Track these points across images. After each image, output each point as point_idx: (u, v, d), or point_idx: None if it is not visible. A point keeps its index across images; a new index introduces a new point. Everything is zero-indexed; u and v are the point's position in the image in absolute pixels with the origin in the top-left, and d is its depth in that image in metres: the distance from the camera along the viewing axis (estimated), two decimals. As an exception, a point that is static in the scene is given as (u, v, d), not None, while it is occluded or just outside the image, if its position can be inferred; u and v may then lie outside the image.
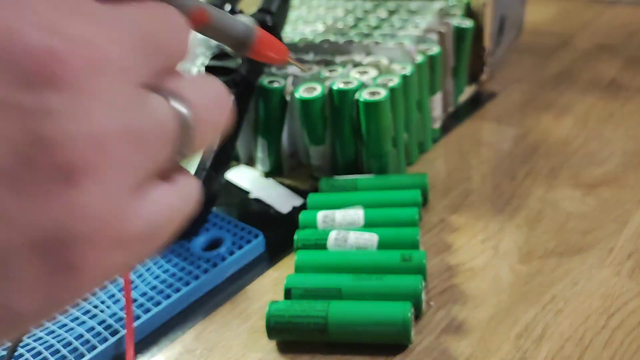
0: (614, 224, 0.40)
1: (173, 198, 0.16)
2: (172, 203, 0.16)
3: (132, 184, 0.15)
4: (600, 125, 0.54)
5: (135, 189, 0.15)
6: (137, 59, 0.15)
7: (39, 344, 0.34)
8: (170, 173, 0.17)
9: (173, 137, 0.16)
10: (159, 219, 0.16)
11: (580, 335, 0.32)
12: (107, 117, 0.14)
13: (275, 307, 0.33)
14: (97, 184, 0.14)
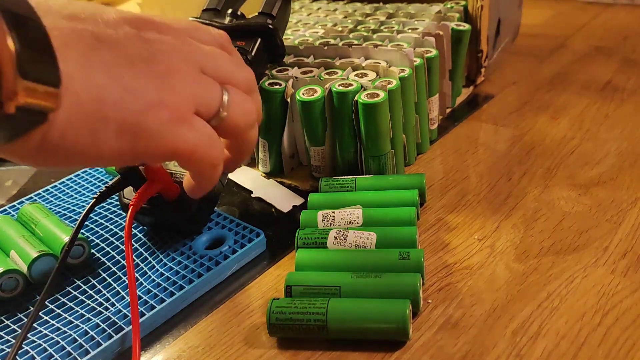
0: (609, 224, 0.41)
1: (208, 130, 0.30)
2: (205, 131, 0.30)
3: (191, 109, 0.29)
4: (596, 127, 0.54)
5: (192, 113, 0.29)
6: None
7: (44, 341, 0.35)
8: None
9: (215, 107, 0.30)
10: (197, 136, 0.29)
11: (576, 333, 0.33)
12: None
13: (276, 304, 0.33)
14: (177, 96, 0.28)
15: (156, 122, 0.27)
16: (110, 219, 0.45)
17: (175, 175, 0.41)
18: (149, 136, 0.27)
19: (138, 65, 0.27)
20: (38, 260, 0.38)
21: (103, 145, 0.26)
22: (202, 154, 0.29)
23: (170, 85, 0.28)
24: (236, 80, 0.32)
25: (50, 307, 0.37)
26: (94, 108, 0.25)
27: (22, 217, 0.43)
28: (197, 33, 0.32)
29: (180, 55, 0.29)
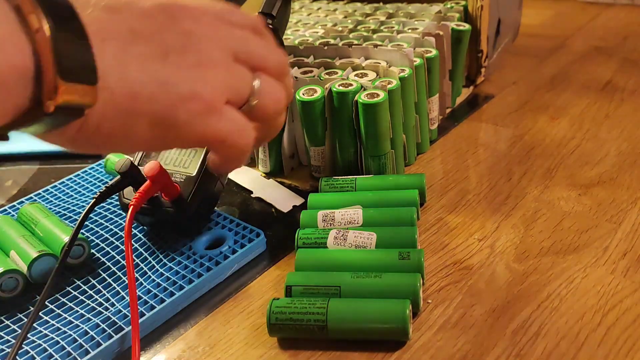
0: (609, 224, 0.41)
1: (238, 118, 0.30)
2: (236, 120, 0.30)
3: (223, 99, 0.29)
4: (596, 127, 0.54)
5: (223, 103, 0.29)
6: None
7: (44, 341, 0.35)
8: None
9: (246, 95, 0.31)
10: (228, 125, 0.29)
11: (576, 333, 0.33)
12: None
13: (276, 304, 0.34)
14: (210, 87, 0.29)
15: (188, 114, 0.28)
16: (110, 219, 0.45)
17: (175, 176, 0.41)
18: (180, 128, 0.28)
19: (171, 57, 0.28)
20: (38, 260, 0.38)
21: (135, 136, 0.27)
22: (232, 141, 0.30)
23: (203, 77, 0.29)
24: (268, 65, 0.32)
25: (50, 307, 0.37)
26: (128, 103, 0.26)
27: (22, 217, 0.43)
28: (231, 16, 0.32)
29: (213, 44, 0.30)
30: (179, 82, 0.28)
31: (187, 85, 0.28)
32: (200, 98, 0.29)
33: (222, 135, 0.30)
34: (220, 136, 0.30)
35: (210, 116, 0.29)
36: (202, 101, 0.29)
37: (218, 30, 0.31)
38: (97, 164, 0.54)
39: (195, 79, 0.29)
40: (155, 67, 0.27)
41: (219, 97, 0.30)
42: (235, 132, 0.30)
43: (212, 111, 0.29)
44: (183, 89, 0.28)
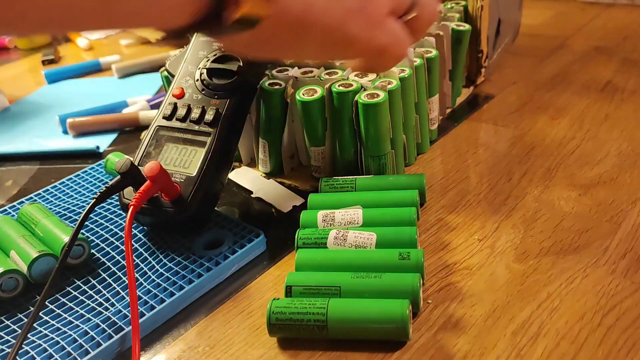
0: (609, 224, 0.41)
1: (398, 30, 0.32)
2: (396, 31, 0.32)
3: (386, 12, 0.31)
4: (596, 127, 0.54)
5: (386, 15, 0.31)
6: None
7: (44, 341, 0.35)
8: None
9: (406, 7, 0.32)
10: (389, 37, 0.31)
11: (576, 333, 0.33)
12: None
13: (276, 305, 0.34)
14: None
15: (356, 28, 0.29)
16: (110, 219, 0.45)
17: (175, 176, 0.41)
18: (348, 40, 0.30)
19: None
20: (38, 260, 0.38)
21: (306, 46, 0.29)
22: (390, 52, 0.32)
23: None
24: (419, 34, 0.35)
25: (50, 307, 0.37)
26: (302, 15, 0.27)
27: (22, 217, 0.43)
28: None
29: None
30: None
31: (356, 2, 0.29)
32: (368, 11, 0.30)
33: (384, 46, 0.31)
34: (381, 47, 0.31)
35: (375, 28, 0.30)
36: (369, 14, 0.30)
37: None
38: (97, 164, 0.54)
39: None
40: None
41: (383, 10, 0.31)
42: (395, 43, 0.32)
43: (377, 24, 0.30)
44: (352, 2, 0.29)
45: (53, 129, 0.65)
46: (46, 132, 0.65)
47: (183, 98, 0.45)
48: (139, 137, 0.61)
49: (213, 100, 0.44)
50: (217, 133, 0.42)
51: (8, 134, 0.65)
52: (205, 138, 0.43)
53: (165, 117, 0.45)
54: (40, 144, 0.62)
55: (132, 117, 0.64)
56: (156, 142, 0.44)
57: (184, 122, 0.44)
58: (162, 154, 0.43)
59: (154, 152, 0.44)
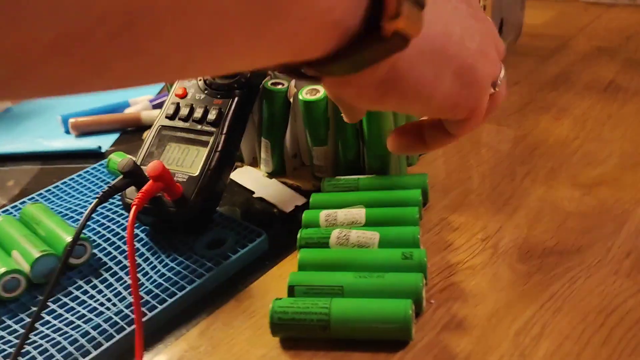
0: (613, 224, 0.41)
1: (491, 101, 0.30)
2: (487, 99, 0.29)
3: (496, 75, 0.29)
4: (599, 127, 0.54)
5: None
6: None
7: (46, 342, 0.35)
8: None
9: (496, 80, 0.29)
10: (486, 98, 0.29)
11: (579, 333, 0.33)
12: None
13: (279, 304, 0.33)
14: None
15: (484, 71, 0.27)
16: (112, 219, 0.45)
17: (178, 175, 0.41)
18: (474, 84, 0.27)
19: (464, 5, 0.27)
20: (40, 260, 0.38)
21: (440, 84, 0.26)
22: (476, 119, 0.29)
23: (489, 35, 0.28)
24: (503, 56, 0.32)
25: (52, 307, 0.37)
26: (442, 43, 0.25)
27: (24, 217, 0.43)
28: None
29: (487, 19, 0.29)
30: (477, 33, 0.27)
31: (482, 40, 0.27)
32: (492, 59, 0.28)
33: (483, 109, 0.29)
34: (482, 110, 0.29)
35: (490, 85, 0.28)
36: (493, 63, 0.28)
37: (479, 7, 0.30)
38: (99, 164, 0.54)
39: (486, 37, 0.28)
40: (461, 13, 0.26)
41: (498, 71, 0.29)
42: (484, 110, 0.29)
43: (493, 81, 0.28)
44: (480, 42, 0.27)
45: (55, 128, 0.65)
46: (48, 132, 0.65)
47: (186, 98, 0.45)
48: (141, 137, 0.61)
49: (216, 99, 0.44)
50: (219, 133, 0.42)
51: (10, 133, 0.65)
52: (208, 138, 0.42)
53: (168, 116, 0.45)
54: (43, 143, 0.62)
55: (134, 117, 0.64)
56: (159, 141, 0.44)
57: (186, 122, 0.44)
58: (165, 153, 0.43)
59: (157, 151, 0.44)
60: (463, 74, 0.26)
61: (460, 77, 0.26)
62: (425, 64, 0.25)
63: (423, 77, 0.25)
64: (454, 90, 0.27)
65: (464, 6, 0.27)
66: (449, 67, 0.26)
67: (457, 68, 0.26)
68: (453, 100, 0.27)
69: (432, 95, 0.26)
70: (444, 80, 0.26)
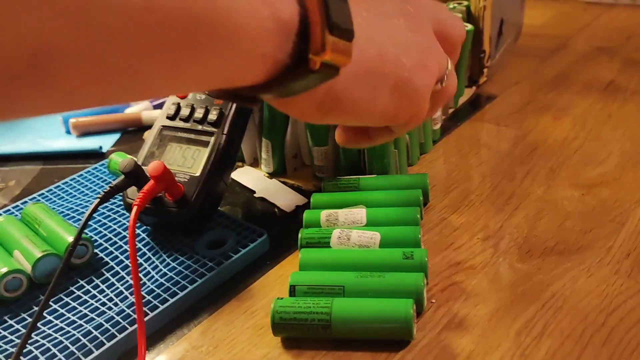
0: (613, 224, 0.41)
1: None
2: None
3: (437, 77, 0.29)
4: (599, 127, 0.54)
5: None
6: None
7: (48, 341, 0.35)
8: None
9: (441, 77, 0.30)
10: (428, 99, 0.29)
11: (580, 333, 0.33)
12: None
13: (280, 304, 0.34)
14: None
15: (422, 81, 0.28)
16: (114, 219, 0.46)
17: (179, 175, 0.41)
18: (413, 95, 0.28)
19: (401, 20, 0.27)
20: (42, 260, 0.38)
21: (378, 100, 0.27)
22: (418, 120, 0.30)
23: (428, 47, 0.28)
24: (457, 50, 0.32)
25: (54, 307, 0.37)
26: (377, 64, 0.26)
27: (26, 217, 0.44)
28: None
29: (422, 10, 0.29)
30: (413, 48, 0.27)
31: (419, 54, 0.27)
32: (429, 69, 0.28)
33: (424, 113, 0.29)
34: (423, 114, 0.29)
35: (429, 90, 0.29)
36: (430, 72, 0.28)
37: (428, 3, 0.30)
38: (100, 164, 0.54)
39: (424, 48, 0.28)
40: (395, 28, 0.27)
41: (436, 70, 0.29)
42: (426, 109, 0.30)
43: (432, 85, 0.29)
44: (417, 56, 0.27)
45: (56, 129, 0.65)
46: (49, 132, 0.65)
47: (186, 98, 0.45)
48: (142, 137, 0.61)
49: (216, 99, 0.44)
50: (220, 133, 0.42)
51: (11, 133, 0.65)
52: (209, 138, 0.43)
53: (169, 117, 0.45)
54: (44, 144, 0.62)
55: (135, 117, 0.64)
56: (160, 141, 0.44)
57: (187, 122, 0.44)
58: (166, 153, 0.43)
59: (158, 152, 0.44)
60: (401, 88, 0.27)
61: (398, 90, 0.27)
62: (361, 85, 0.26)
63: (360, 98, 0.26)
64: (393, 104, 0.27)
65: (402, 21, 0.28)
66: (386, 85, 0.27)
67: (394, 83, 0.27)
68: (393, 112, 0.28)
69: (371, 111, 0.27)
70: (382, 97, 0.27)
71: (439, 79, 0.30)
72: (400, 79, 0.27)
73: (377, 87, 0.26)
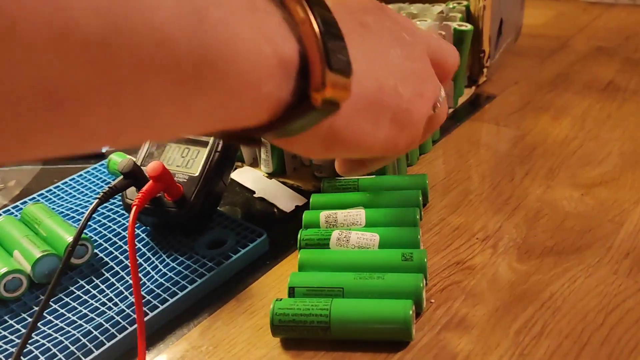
0: (612, 224, 0.41)
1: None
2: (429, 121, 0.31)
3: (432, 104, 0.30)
4: (598, 127, 0.54)
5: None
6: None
7: (48, 341, 0.35)
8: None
9: (435, 101, 0.30)
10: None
11: (579, 333, 0.33)
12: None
13: (279, 305, 0.34)
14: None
15: (420, 111, 0.28)
16: (113, 219, 0.46)
17: (178, 176, 0.41)
18: (411, 125, 0.28)
19: (397, 50, 0.28)
20: (42, 260, 0.38)
21: (379, 132, 0.27)
22: (413, 146, 0.30)
23: (425, 75, 0.29)
24: (450, 76, 0.33)
25: (54, 307, 0.38)
26: (376, 97, 0.26)
27: (26, 217, 0.44)
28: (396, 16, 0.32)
29: (417, 38, 0.30)
30: (411, 78, 0.28)
31: (417, 83, 0.28)
32: (426, 98, 0.29)
33: (418, 140, 0.30)
34: (417, 141, 0.30)
35: (425, 118, 0.29)
36: (427, 101, 0.29)
37: (415, 31, 0.30)
38: (99, 164, 0.55)
39: (420, 76, 0.28)
40: (394, 59, 0.27)
41: (433, 101, 0.30)
42: (419, 141, 0.31)
43: (428, 113, 0.29)
44: (415, 85, 0.28)
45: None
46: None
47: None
48: (141, 137, 0.61)
49: None
50: (219, 133, 0.42)
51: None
52: (208, 138, 0.43)
53: (168, 117, 0.45)
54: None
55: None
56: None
57: (186, 122, 0.44)
58: (165, 154, 0.43)
59: (157, 152, 0.44)
60: (400, 119, 0.28)
61: (398, 122, 0.28)
62: (362, 119, 0.26)
63: (361, 131, 0.27)
64: (393, 134, 0.28)
65: (398, 50, 0.28)
66: (386, 117, 0.27)
67: (394, 115, 0.27)
68: (394, 142, 0.28)
69: (374, 143, 0.28)
70: (383, 129, 0.27)
71: (433, 106, 0.31)
72: (399, 111, 0.28)
73: (378, 119, 0.27)
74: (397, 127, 0.28)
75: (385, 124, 0.27)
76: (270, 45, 0.21)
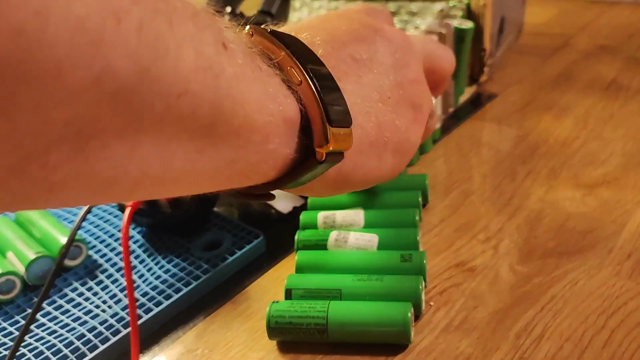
0: (614, 225, 0.40)
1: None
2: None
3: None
4: (600, 126, 0.54)
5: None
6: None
7: (41, 344, 0.34)
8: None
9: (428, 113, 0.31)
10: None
11: (580, 335, 0.32)
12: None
13: (276, 308, 0.33)
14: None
15: (417, 135, 0.30)
16: (107, 220, 0.45)
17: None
18: (412, 149, 0.30)
19: (391, 76, 0.29)
20: (35, 261, 0.38)
21: (384, 165, 0.28)
22: (410, 158, 0.31)
23: (420, 96, 0.30)
24: (446, 80, 0.34)
25: (48, 309, 0.37)
26: (376, 135, 0.27)
27: (19, 218, 0.43)
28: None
29: (414, 57, 0.31)
30: (405, 107, 0.29)
31: (410, 111, 0.29)
32: (420, 120, 0.30)
33: (412, 156, 0.31)
34: (410, 158, 0.31)
35: (421, 137, 0.31)
36: (421, 122, 0.30)
37: (409, 44, 0.31)
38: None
39: (413, 101, 0.29)
40: (385, 94, 0.28)
41: (426, 118, 0.31)
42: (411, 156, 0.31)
43: (422, 131, 0.31)
44: (409, 113, 0.29)
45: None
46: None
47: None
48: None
49: None
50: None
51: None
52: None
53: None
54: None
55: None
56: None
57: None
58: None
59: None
60: (400, 149, 0.29)
61: (399, 151, 0.29)
62: (367, 158, 0.27)
63: (367, 168, 0.28)
64: (395, 163, 0.29)
65: (392, 76, 0.29)
66: (388, 151, 0.28)
67: (394, 146, 0.29)
68: (398, 169, 0.30)
69: (380, 176, 0.29)
70: (386, 161, 0.29)
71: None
72: (399, 141, 0.29)
73: (381, 155, 0.28)
74: (399, 155, 0.29)
75: (388, 157, 0.28)
76: (275, 104, 0.22)
